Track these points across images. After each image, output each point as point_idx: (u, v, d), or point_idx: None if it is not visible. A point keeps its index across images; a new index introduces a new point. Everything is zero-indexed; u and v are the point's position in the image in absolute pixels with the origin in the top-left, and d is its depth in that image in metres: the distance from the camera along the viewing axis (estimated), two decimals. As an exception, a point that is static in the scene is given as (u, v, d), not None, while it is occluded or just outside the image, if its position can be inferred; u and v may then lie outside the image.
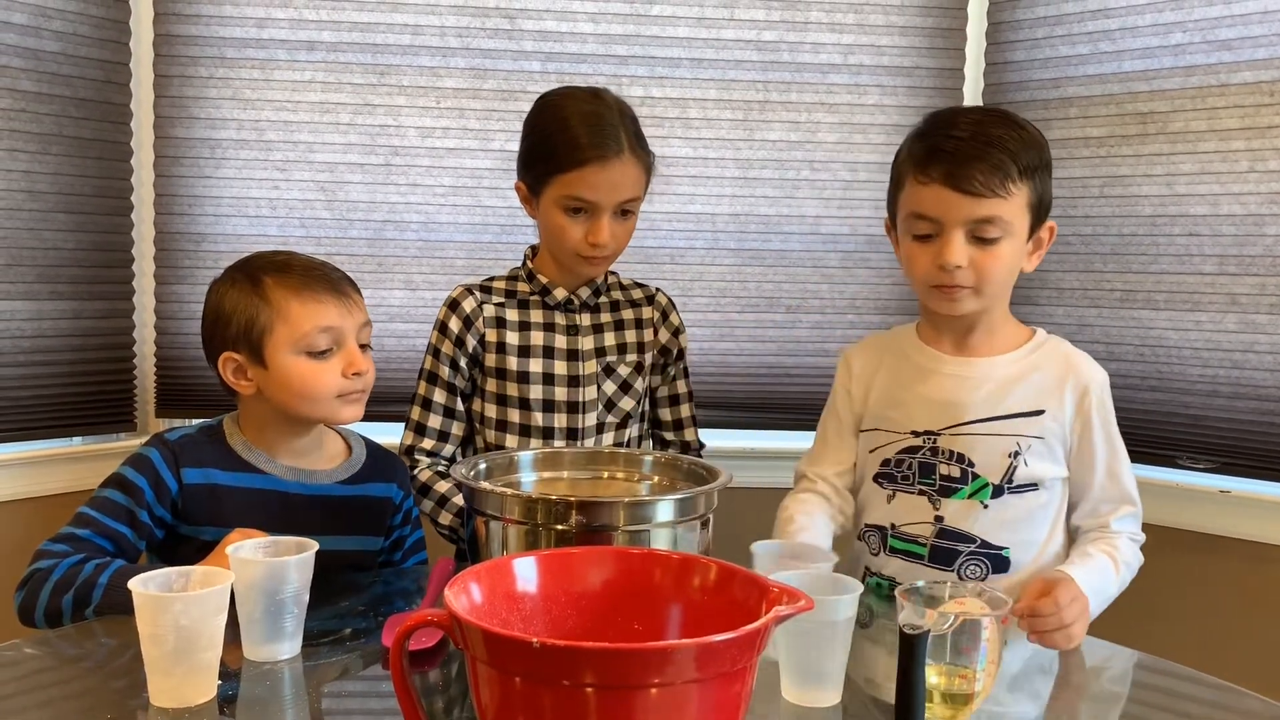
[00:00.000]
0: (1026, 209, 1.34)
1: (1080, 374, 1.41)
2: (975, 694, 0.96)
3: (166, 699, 0.97)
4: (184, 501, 1.36)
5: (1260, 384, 1.91)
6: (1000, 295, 1.40)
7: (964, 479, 1.39)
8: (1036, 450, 1.38)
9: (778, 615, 0.76)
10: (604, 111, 1.53)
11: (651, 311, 1.70)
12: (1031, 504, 1.39)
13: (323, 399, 1.38)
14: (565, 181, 1.51)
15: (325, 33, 2.12)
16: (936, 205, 1.33)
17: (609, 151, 1.50)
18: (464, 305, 1.62)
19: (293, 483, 1.42)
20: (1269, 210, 1.90)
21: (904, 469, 1.43)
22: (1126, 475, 1.41)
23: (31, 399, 2.00)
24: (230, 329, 1.38)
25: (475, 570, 0.84)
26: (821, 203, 2.23)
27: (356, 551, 1.47)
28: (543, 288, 1.63)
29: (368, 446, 1.53)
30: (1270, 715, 1.05)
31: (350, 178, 2.15)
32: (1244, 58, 1.91)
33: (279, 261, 1.42)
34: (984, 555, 1.39)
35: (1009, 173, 1.31)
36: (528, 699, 0.72)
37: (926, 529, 1.41)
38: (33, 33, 1.95)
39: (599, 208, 1.52)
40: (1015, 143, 1.32)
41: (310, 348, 1.37)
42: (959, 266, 1.33)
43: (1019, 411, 1.39)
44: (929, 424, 1.41)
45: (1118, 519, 1.40)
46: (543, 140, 1.54)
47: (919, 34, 2.21)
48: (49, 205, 1.99)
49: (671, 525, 1.13)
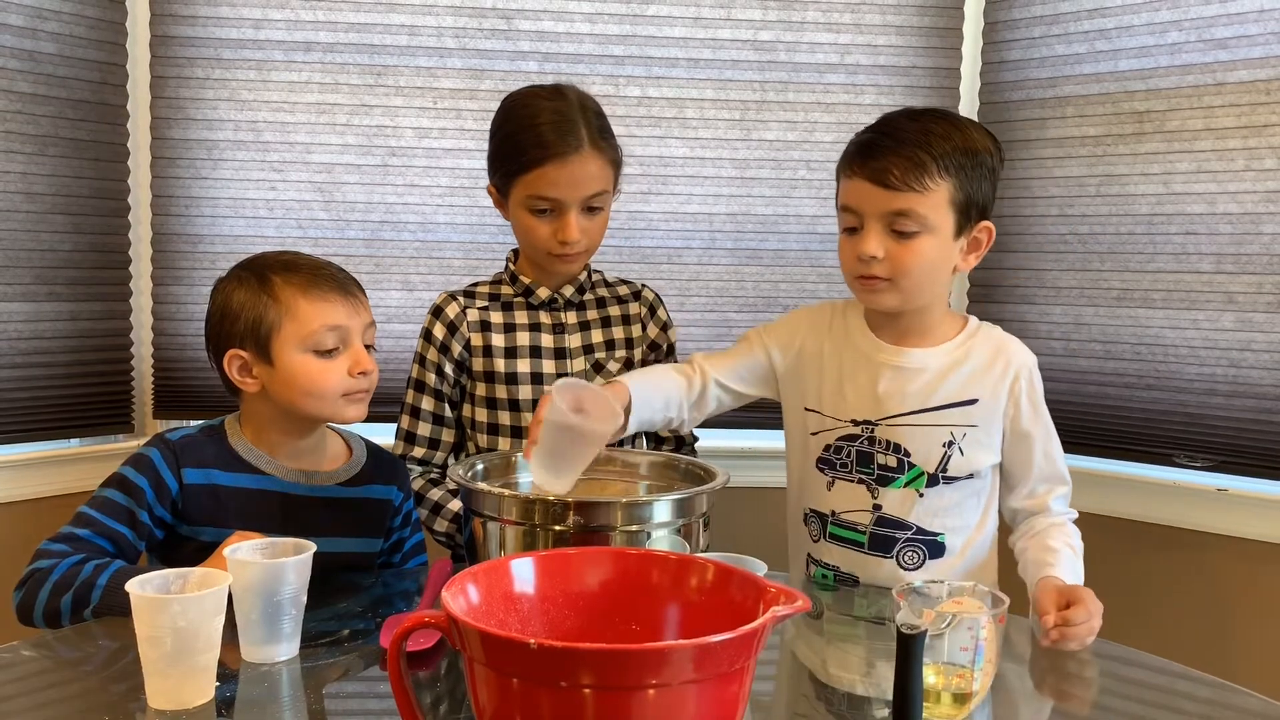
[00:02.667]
0: (949, 206, 1.36)
1: (1010, 358, 1.44)
2: (973, 693, 0.96)
3: (164, 700, 0.97)
4: (184, 502, 1.36)
5: (1257, 382, 1.91)
6: (924, 291, 1.41)
7: (900, 469, 1.43)
8: (972, 438, 1.42)
9: (775, 616, 0.76)
10: (563, 108, 1.52)
11: (639, 307, 1.70)
12: (965, 490, 1.43)
13: (328, 397, 1.38)
14: (527, 182, 1.51)
15: (322, 33, 2.12)
16: (857, 197, 1.38)
17: (568, 148, 1.49)
18: (447, 311, 1.62)
19: (293, 484, 1.42)
20: (1265, 209, 1.90)
21: (843, 457, 1.46)
22: (1058, 455, 1.46)
23: (29, 401, 2.00)
24: (237, 326, 1.38)
25: (473, 571, 0.84)
26: (818, 202, 2.23)
27: (356, 553, 1.47)
28: (525, 289, 1.63)
29: (368, 448, 1.53)
30: (1268, 713, 1.05)
31: (347, 178, 2.15)
32: (1240, 56, 1.91)
33: (287, 260, 1.42)
34: (920, 542, 1.43)
35: (926, 168, 1.34)
36: (525, 700, 0.72)
37: (865, 517, 1.45)
38: (29, 34, 1.95)
39: (564, 205, 1.51)
40: (940, 140, 1.35)
41: (317, 346, 1.37)
42: (874, 257, 1.36)
43: (952, 402, 1.42)
44: (867, 413, 1.44)
45: (1054, 499, 1.45)
46: (504, 142, 1.55)
47: (915, 33, 2.21)
48: (46, 207, 1.99)
49: (669, 525, 1.14)
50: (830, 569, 1.48)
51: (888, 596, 1.41)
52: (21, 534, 1.93)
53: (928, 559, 1.43)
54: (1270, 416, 1.90)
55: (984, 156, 1.38)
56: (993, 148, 1.40)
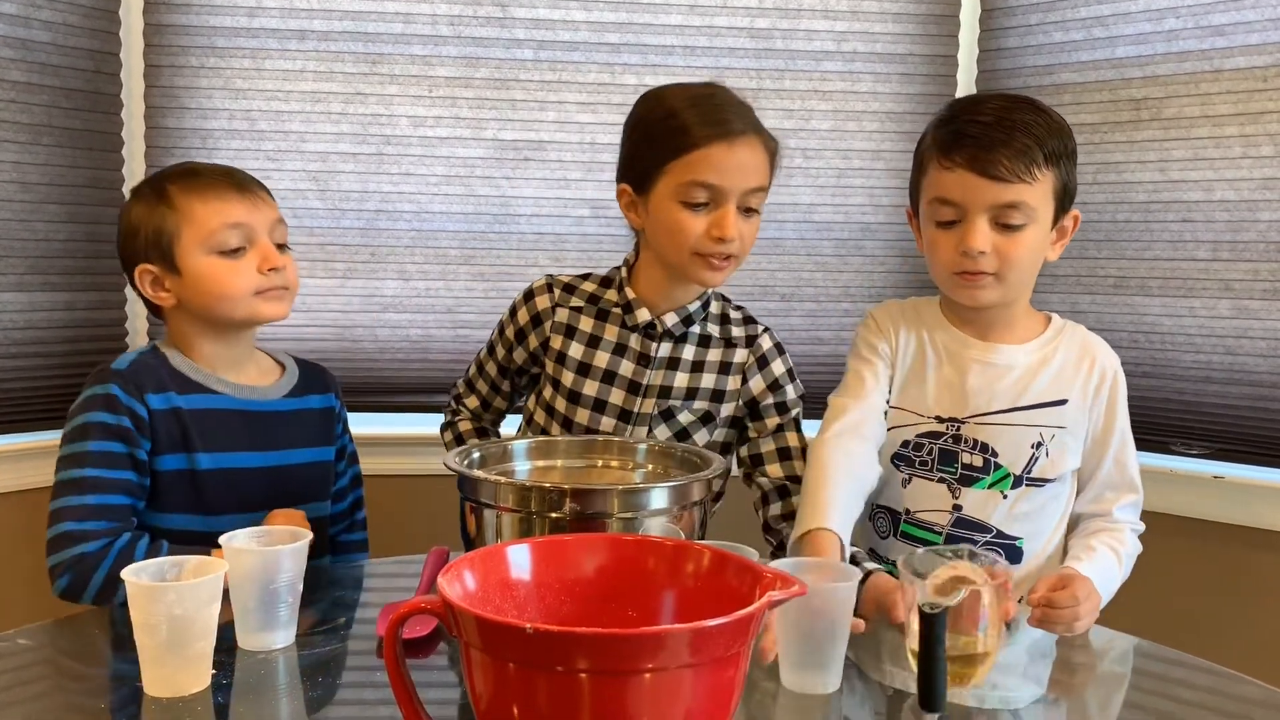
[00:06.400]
0: (1051, 196, 1.32)
1: (1099, 360, 1.41)
2: (982, 655, 0.98)
3: (161, 688, 0.97)
4: (153, 430, 1.34)
5: (1253, 370, 1.91)
6: (1024, 285, 1.39)
7: (986, 469, 1.37)
8: (1059, 440, 1.37)
9: (770, 600, 0.76)
10: (720, 93, 1.40)
11: (746, 356, 1.48)
12: (1048, 494, 1.38)
13: (240, 297, 1.37)
14: (686, 165, 1.34)
15: (316, 22, 2.11)
16: (960, 190, 1.31)
17: (734, 129, 1.34)
18: (538, 301, 1.50)
19: (246, 400, 1.42)
20: (1262, 196, 1.90)
21: (924, 454, 1.40)
22: (1132, 462, 1.41)
23: (24, 391, 1.99)
24: (138, 240, 1.38)
25: (469, 558, 0.84)
26: (815, 190, 2.22)
27: (318, 462, 1.49)
28: (627, 303, 1.46)
29: (296, 361, 1.53)
30: (1266, 700, 1.05)
31: (342, 167, 2.14)
32: (1237, 43, 1.91)
33: (184, 169, 1.43)
34: (999, 545, 1.38)
35: (1034, 158, 1.29)
36: (522, 685, 0.72)
37: (943, 517, 1.39)
38: (22, 23, 1.94)
39: (725, 194, 1.34)
40: (1041, 128, 1.31)
41: (220, 246, 1.36)
42: (982, 252, 1.31)
43: (1042, 401, 1.37)
44: (953, 410, 1.39)
45: (1120, 506, 1.39)
46: (654, 126, 1.38)
47: (912, 21, 2.21)
48: (40, 196, 1.99)
49: (665, 512, 1.13)
50: (891, 567, 1.35)
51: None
52: (17, 524, 1.93)
53: None
54: (1266, 404, 1.91)
55: (1071, 142, 1.35)
56: (1069, 131, 1.36)
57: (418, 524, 2.04)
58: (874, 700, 1.05)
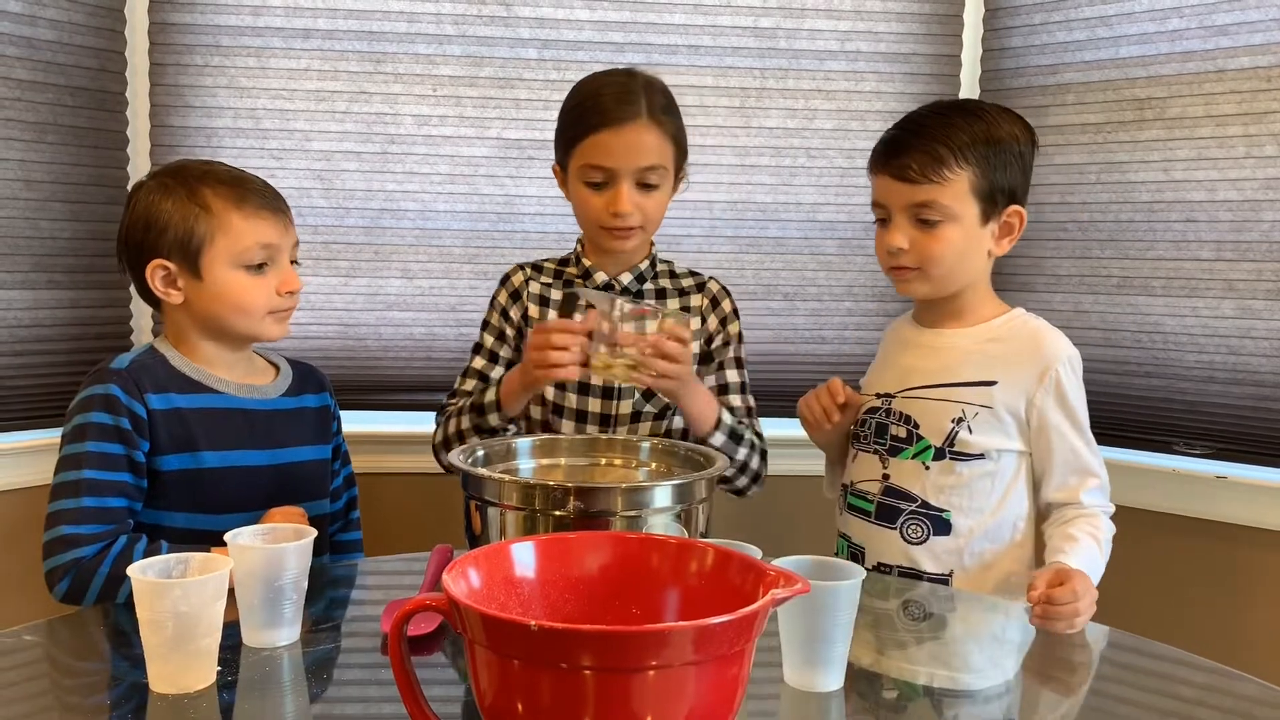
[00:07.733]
0: (970, 194, 1.42)
1: (1044, 348, 1.46)
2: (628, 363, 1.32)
3: (166, 685, 0.97)
4: (153, 430, 1.35)
5: (1256, 369, 1.92)
6: (954, 277, 1.47)
7: (909, 440, 1.47)
8: (983, 419, 1.44)
9: (774, 598, 0.76)
10: (627, 81, 1.53)
11: (700, 299, 1.66)
12: (976, 471, 1.44)
13: (255, 314, 1.39)
14: (583, 150, 1.51)
15: (321, 20, 2.11)
16: (883, 192, 1.46)
17: (624, 116, 1.49)
18: (513, 279, 1.67)
19: (246, 399, 1.42)
20: (1265, 196, 1.90)
21: (864, 428, 1.53)
22: (1087, 448, 1.46)
23: (29, 388, 2.00)
24: (165, 237, 1.37)
25: (473, 555, 0.84)
26: (818, 190, 2.23)
27: (318, 460, 1.50)
28: (585, 270, 1.63)
29: (288, 360, 1.54)
30: (1266, 698, 1.05)
31: (347, 166, 2.14)
32: (1241, 43, 1.91)
33: (222, 176, 1.41)
34: (924, 515, 1.45)
35: (944, 160, 1.40)
36: (526, 682, 0.72)
37: (875, 486, 1.49)
38: (27, 21, 1.94)
39: (616, 174, 1.51)
40: (957, 131, 1.41)
41: (248, 262, 1.38)
42: (901, 249, 1.44)
43: (969, 380, 1.45)
44: (890, 387, 1.51)
45: (1087, 492, 1.44)
46: (564, 116, 1.56)
47: (916, 20, 2.21)
48: (45, 194, 1.99)
49: (669, 510, 1.14)
50: (846, 539, 1.54)
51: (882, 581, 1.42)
52: (21, 521, 1.94)
53: (932, 534, 1.45)
54: (1269, 404, 1.91)
55: (1009, 144, 1.43)
56: (1020, 134, 1.44)
57: (420, 522, 2.05)
58: (876, 699, 1.05)
